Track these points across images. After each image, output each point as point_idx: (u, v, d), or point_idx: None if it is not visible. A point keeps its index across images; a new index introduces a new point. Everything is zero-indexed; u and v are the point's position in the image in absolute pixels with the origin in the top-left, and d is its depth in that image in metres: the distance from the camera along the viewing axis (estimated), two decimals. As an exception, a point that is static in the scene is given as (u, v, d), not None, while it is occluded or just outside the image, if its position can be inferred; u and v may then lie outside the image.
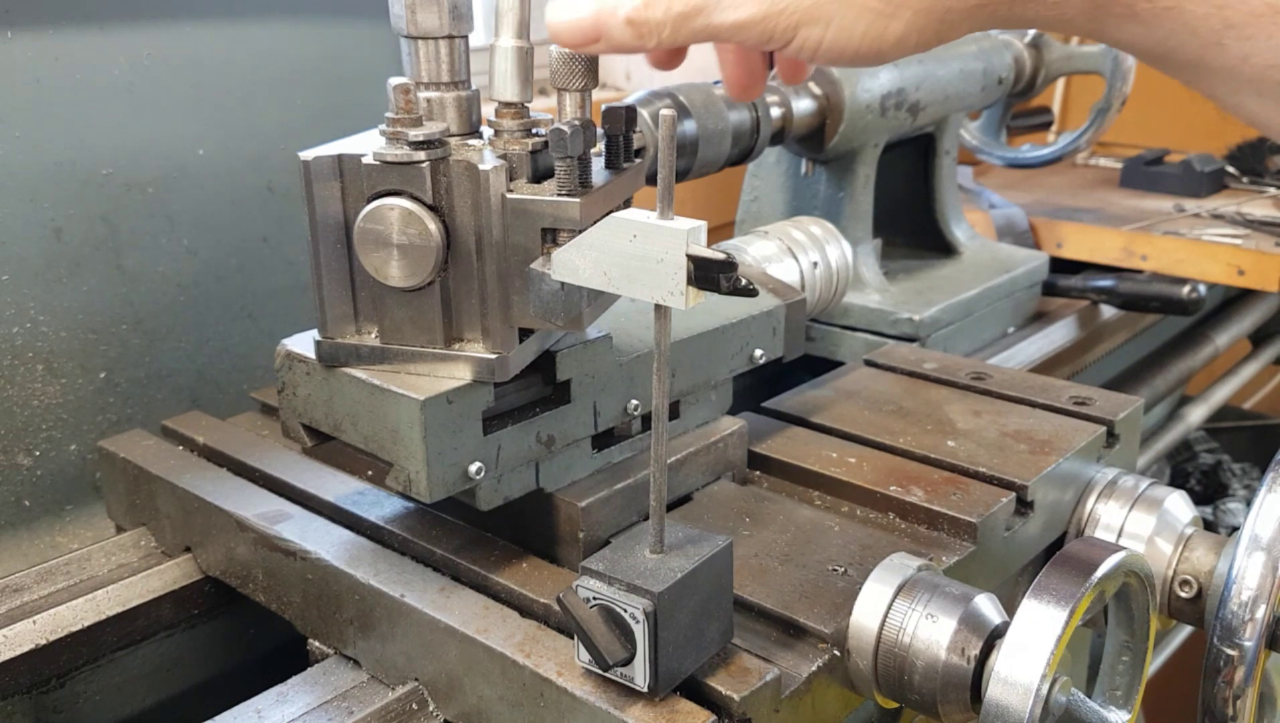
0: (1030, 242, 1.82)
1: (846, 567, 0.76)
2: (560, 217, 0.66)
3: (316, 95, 1.19)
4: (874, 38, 0.54)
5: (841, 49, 0.55)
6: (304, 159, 0.68)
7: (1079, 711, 0.67)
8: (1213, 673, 0.75)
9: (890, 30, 0.54)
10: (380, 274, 0.68)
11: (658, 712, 0.62)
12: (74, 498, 1.07)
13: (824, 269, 1.12)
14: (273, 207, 1.17)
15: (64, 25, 1.01)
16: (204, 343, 1.15)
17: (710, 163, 1.21)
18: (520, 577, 0.75)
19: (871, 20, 0.53)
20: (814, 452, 0.92)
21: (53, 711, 0.88)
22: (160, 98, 1.08)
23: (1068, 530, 0.93)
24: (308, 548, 0.80)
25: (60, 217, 1.03)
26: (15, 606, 0.87)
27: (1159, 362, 1.73)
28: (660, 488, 0.63)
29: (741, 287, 0.58)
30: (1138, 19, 0.50)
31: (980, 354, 1.42)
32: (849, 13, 0.53)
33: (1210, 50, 0.49)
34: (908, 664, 0.68)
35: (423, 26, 0.67)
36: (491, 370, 0.69)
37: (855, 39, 0.54)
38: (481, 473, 0.71)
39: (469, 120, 0.70)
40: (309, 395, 0.74)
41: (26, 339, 1.02)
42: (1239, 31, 0.48)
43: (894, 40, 0.54)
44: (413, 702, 0.73)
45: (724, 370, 0.88)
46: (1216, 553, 0.87)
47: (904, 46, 0.55)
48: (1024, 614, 0.65)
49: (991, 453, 0.90)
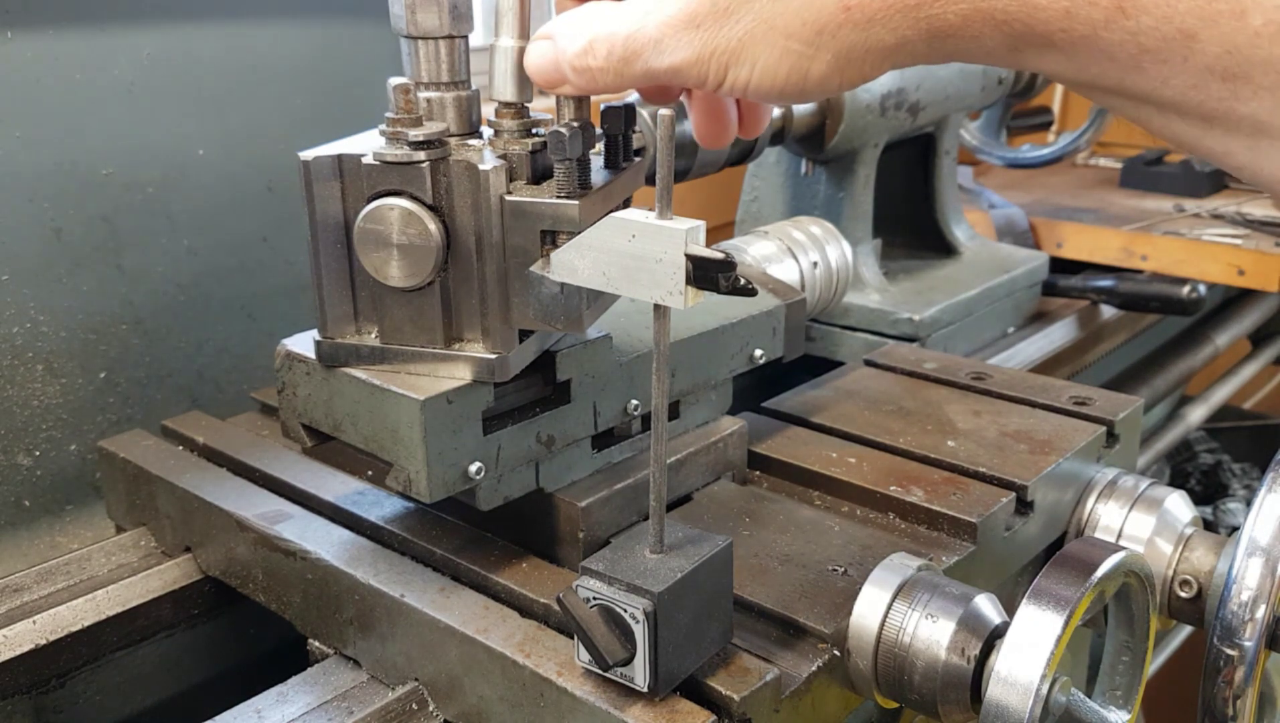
0: (1030, 242, 1.82)
1: (846, 567, 0.76)
2: (559, 218, 0.66)
3: (316, 95, 1.19)
4: (797, 78, 0.56)
5: (768, 89, 0.57)
6: (304, 159, 0.68)
7: (1079, 711, 0.67)
8: (1213, 673, 0.75)
9: (812, 71, 0.56)
10: (380, 274, 0.68)
11: (658, 712, 0.62)
12: (74, 498, 1.07)
13: (824, 269, 1.12)
14: (273, 206, 1.17)
15: (64, 25, 1.01)
16: (204, 343, 1.15)
17: (710, 163, 1.21)
18: (520, 577, 0.75)
19: (794, 62, 0.55)
20: (814, 452, 0.92)
21: (53, 711, 0.89)
22: (160, 98, 1.08)
23: (1068, 531, 0.93)
24: (308, 548, 0.80)
25: (60, 217, 1.03)
26: (15, 606, 0.87)
27: (1159, 362, 1.73)
28: (660, 488, 0.63)
29: (741, 286, 0.58)
30: (1055, 48, 0.51)
31: (980, 354, 1.42)
32: (772, 54, 0.56)
33: (1130, 75, 0.50)
34: (908, 664, 0.68)
35: (423, 26, 0.67)
36: (491, 371, 0.69)
37: (780, 79, 0.56)
38: (481, 473, 0.71)
39: (469, 120, 0.70)
40: (309, 395, 0.74)
41: (26, 339, 1.02)
42: (1155, 55, 0.49)
43: (816, 81, 0.56)
44: (413, 702, 0.73)
45: (724, 370, 0.88)
46: (1216, 553, 0.87)
47: (827, 87, 0.57)
48: (1024, 614, 0.65)
49: (991, 453, 0.90)
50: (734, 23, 0.56)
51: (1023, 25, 0.51)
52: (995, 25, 0.51)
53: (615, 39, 0.59)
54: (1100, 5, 0.48)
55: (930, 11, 0.52)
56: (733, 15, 0.56)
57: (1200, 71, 0.48)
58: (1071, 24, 0.49)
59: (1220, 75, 0.47)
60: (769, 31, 0.55)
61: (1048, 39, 0.51)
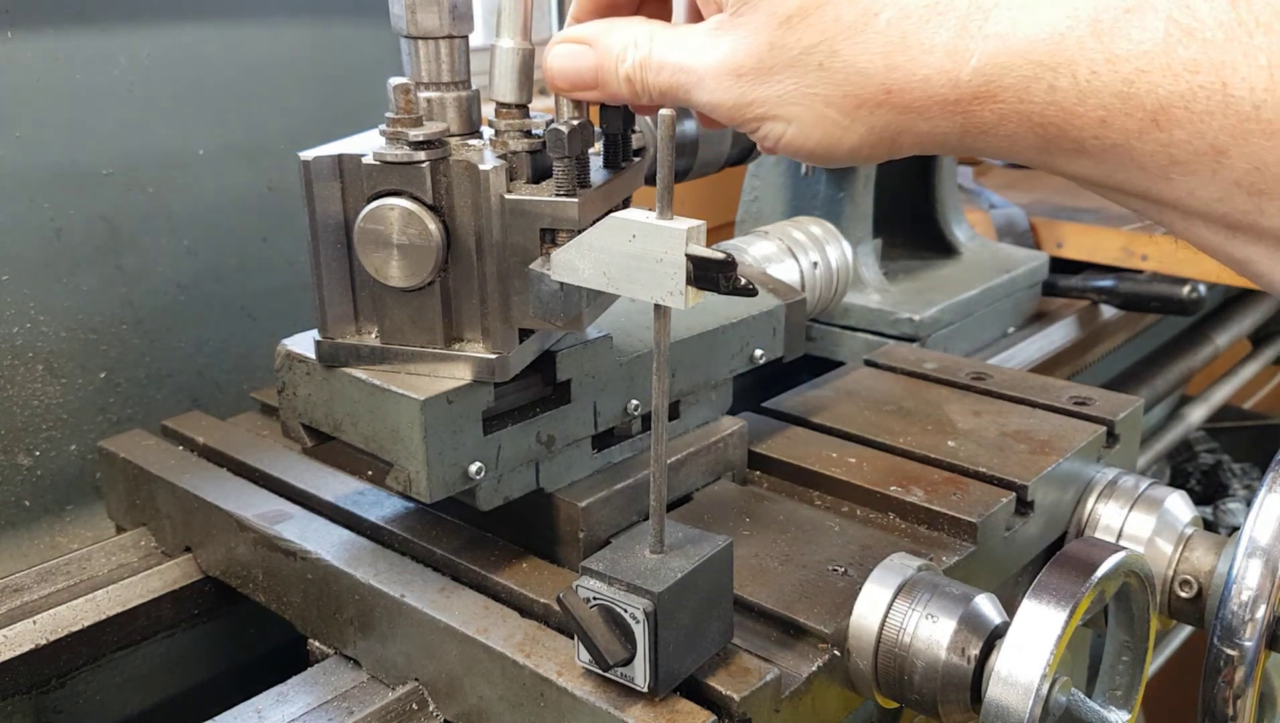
0: (1030, 242, 1.82)
1: (846, 567, 0.76)
2: (558, 217, 0.66)
3: (316, 95, 1.19)
4: (829, 145, 0.58)
5: (797, 148, 0.59)
6: (304, 159, 0.68)
7: (1079, 711, 0.67)
8: (1213, 673, 0.75)
9: (845, 140, 0.57)
10: (380, 274, 0.68)
11: (658, 712, 0.62)
12: (74, 498, 1.07)
13: (824, 269, 1.12)
14: (273, 207, 1.17)
15: (64, 25, 1.01)
16: (204, 343, 1.15)
17: (710, 163, 1.21)
18: (520, 577, 0.75)
19: (828, 129, 0.57)
20: (814, 452, 0.92)
21: (53, 711, 0.89)
22: (160, 98, 1.08)
23: (1068, 530, 0.93)
24: (308, 548, 0.80)
25: (60, 217, 1.03)
26: (15, 606, 0.87)
27: (1159, 362, 1.73)
28: (660, 488, 0.63)
29: (741, 286, 0.58)
30: (1086, 154, 0.52)
31: (980, 354, 1.42)
32: (809, 117, 0.57)
33: (1158, 184, 0.51)
34: (908, 664, 0.68)
35: (423, 26, 0.67)
36: (491, 370, 0.69)
37: (811, 142, 0.58)
38: (481, 473, 0.71)
39: (469, 120, 0.70)
40: (309, 395, 0.74)
41: (26, 339, 1.02)
42: (1184, 167, 0.50)
43: (846, 150, 0.58)
44: (413, 702, 0.73)
45: (724, 370, 0.88)
46: (1216, 553, 0.87)
47: (855, 156, 0.59)
48: (1024, 614, 0.65)
49: (991, 453, 0.90)
50: (776, 82, 0.57)
51: (1057, 129, 0.52)
52: (1030, 127, 0.52)
53: (667, 64, 0.61)
54: (1135, 116, 0.49)
55: (968, 108, 0.53)
56: (776, 75, 0.57)
57: (1228, 185, 0.49)
58: (1106, 132, 0.50)
59: (1247, 190, 0.48)
60: (808, 97, 0.57)
61: (1080, 145, 0.52)
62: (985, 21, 0.52)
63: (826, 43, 0.55)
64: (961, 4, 0.53)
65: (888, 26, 0.54)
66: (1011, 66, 0.51)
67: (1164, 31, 0.48)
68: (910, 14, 0.53)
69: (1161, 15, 0.48)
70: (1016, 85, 0.51)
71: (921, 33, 0.53)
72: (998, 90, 0.52)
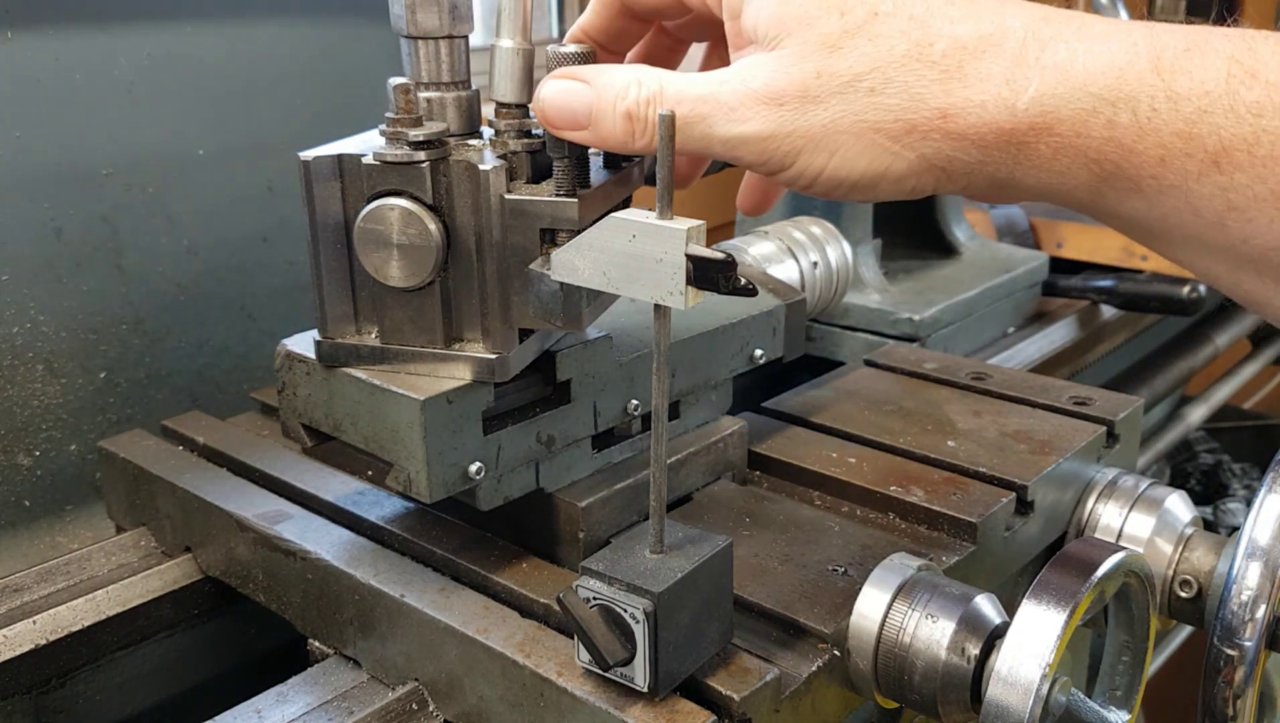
0: (1030, 242, 1.82)
1: (846, 567, 0.76)
2: (558, 216, 0.66)
3: (316, 95, 1.19)
4: (874, 174, 0.55)
5: (840, 180, 0.56)
6: (304, 159, 0.68)
7: (1079, 711, 0.67)
8: (1213, 673, 0.75)
9: (893, 168, 0.55)
10: (380, 274, 0.68)
11: (658, 712, 0.62)
12: (74, 498, 1.07)
13: (824, 269, 1.12)
14: (273, 206, 1.17)
15: (64, 25, 1.01)
16: (204, 343, 1.15)
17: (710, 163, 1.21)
18: (520, 577, 0.75)
19: (876, 156, 0.54)
20: (814, 452, 0.92)
21: (53, 711, 0.88)
22: (160, 98, 1.08)
23: (1068, 531, 0.93)
24: (308, 548, 0.80)
25: (60, 217, 1.03)
26: (15, 606, 0.87)
27: (1159, 362, 1.73)
28: (660, 488, 0.63)
29: (741, 286, 0.58)
30: (1141, 194, 0.51)
31: (980, 354, 1.42)
32: (855, 146, 0.54)
33: (1211, 229, 0.50)
34: (908, 664, 0.68)
35: (423, 26, 0.67)
36: (491, 370, 0.69)
37: (856, 172, 0.55)
38: (481, 473, 0.71)
39: (469, 120, 0.70)
40: (309, 395, 0.74)
41: (26, 339, 1.02)
42: (1241, 214, 0.48)
43: (893, 179, 0.55)
44: (413, 702, 0.73)
45: (724, 370, 0.88)
46: (1216, 553, 0.87)
47: (901, 187, 0.56)
48: (1024, 614, 0.65)
49: (991, 453, 0.90)
50: (821, 110, 0.55)
51: (1114, 166, 0.50)
52: (1086, 163, 0.51)
53: (686, 96, 0.58)
54: (1195, 157, 0.48)
55: (1023, 139, 0.52)
56: (821, 103, 0.55)
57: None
58: (1164, 171, 0.49)
59: None
60: (856, 123, 0.54)
61: (1136, 184, 0.50)
62: (1042, 52, 0.51)
63: (879, 70, 0.53)
64: (1017, 35, 0.51)
65: (943, 57, 0.52)
66: (1070, 98, 0.50)
67: (1226, 72, 0.47)
68: (965, 45, 0.52)
69: (1223, 56, 0.47)
70: (1074, 118, 0.50)
71: (979, 63, 0.52)
72: (1054, 122, 0.51)
